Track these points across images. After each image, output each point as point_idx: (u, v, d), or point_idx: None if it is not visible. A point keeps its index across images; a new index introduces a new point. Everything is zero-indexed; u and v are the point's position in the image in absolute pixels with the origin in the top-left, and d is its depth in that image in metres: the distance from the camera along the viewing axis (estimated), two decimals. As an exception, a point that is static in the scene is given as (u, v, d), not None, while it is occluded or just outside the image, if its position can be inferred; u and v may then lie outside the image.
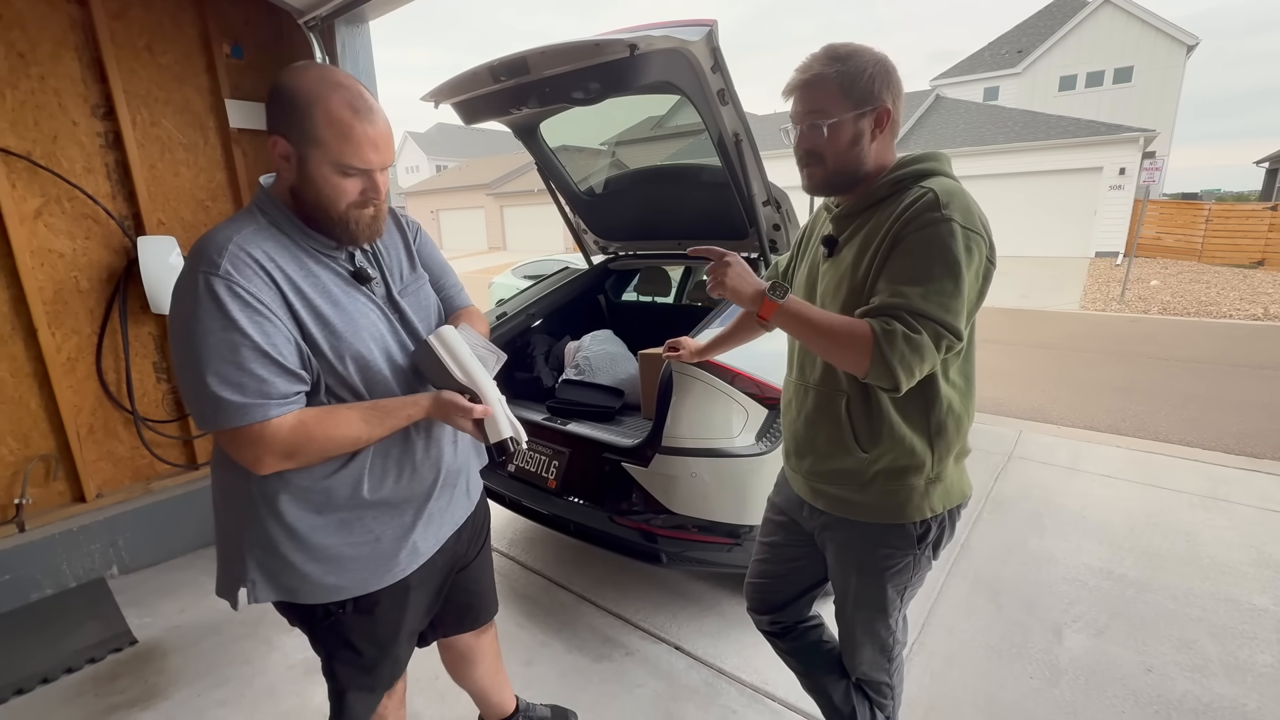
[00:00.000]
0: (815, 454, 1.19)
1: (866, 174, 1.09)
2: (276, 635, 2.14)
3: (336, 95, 0.91)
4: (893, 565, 1.17)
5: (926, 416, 1.09)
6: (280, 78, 0.93)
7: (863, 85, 1.02)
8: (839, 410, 1.13)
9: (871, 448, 1.11)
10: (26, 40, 2.18)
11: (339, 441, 0.97)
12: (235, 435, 0.91)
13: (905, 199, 1.02)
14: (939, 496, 1.13)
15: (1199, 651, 1.99)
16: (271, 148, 0.95)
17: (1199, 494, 3.08)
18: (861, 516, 1.16)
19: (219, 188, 2.71)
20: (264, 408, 0.90)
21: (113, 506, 2.53)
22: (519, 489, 2.26)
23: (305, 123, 0.91)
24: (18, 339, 2.29)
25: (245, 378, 0.89)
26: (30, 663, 2.02)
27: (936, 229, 0.96)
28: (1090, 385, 5.40)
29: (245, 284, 0.90)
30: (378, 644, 1.15)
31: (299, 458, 0.95)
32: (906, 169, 1.07)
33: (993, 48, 23.21)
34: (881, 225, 1.03)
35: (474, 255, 22.98)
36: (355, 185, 0.96)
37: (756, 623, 1.49)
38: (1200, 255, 13.50)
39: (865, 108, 1.03)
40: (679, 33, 1.73)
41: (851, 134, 1.04)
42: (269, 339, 0.91)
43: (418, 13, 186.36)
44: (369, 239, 1.03)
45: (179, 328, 0.91)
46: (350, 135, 0.92)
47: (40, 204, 2.29)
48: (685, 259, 3.05)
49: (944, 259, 0.95)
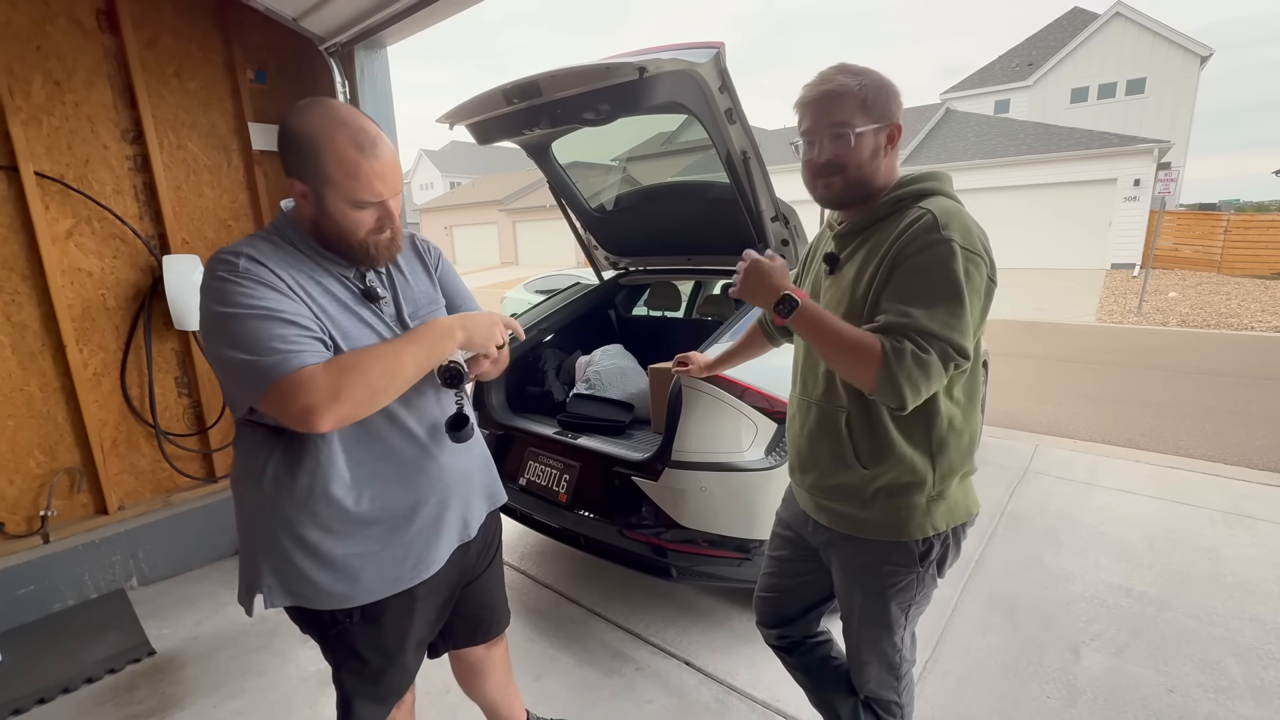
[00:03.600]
0: (818, 469, 1.20)
1: (877, 190, 1.10)
2: (291, 648, 2.16)
3: (340, 135, 0.95)
4: (896, 583, 1.16)
5: (928, 433, 1.10)
6: (287, 122, 0.97)
7: (881, 101, 1.05)
8: (839, 426, 1.14)
9: (872, 464, 1.12)
10: (63, 69, 2.28)
11: (380, 367, 0.96)
12: (278, 393, 0.90)
13: (905, 219, 1.04)
14: (942, 515, 1.13)
15: (1223, 672, 1.94)
16: (290, 187, 1.00)
17: (1221, 510, 3.02)
18: (864, 533, 1.16)
19: (241, 207, 2.79)
20: (297, 355, 0.91)
21: (134, 519, 2.58)
22: (530, 502, 2.28)
23: (315, 164, 0.96)
24: (47, 355, 2.37)
25: (273, 340, 0.91)
26: (52, 672, 2.06)
27: (936, 250, 0.98)
28: (1108, 398, 5.33)
29: (262, 274, 0.95)
30: (384, 653, 1.17)
31: (347, 396, 0.92)
32: (906, 188, 1.09)
33: (1003, 61, 23.24)
34: (881, 244, 1.05)
35: (487, 270, 23.23)
36: (370, 215, 1.01)
37: (765, 637, 1.49)
38: (1219, 266, 13.30)
39: (883, 123, 1.06)
40: (687, 55, 1.77)
41: (873, 146, 1.06)
42: (290, 310, 0.95)
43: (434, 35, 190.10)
44: (389, 259, 1.09)
45: (206, 322, 0.96)
46: (358, 173, 0.96)
47: (71, 225, 2.37)
48: (696, 273, 3.07)
49: (946, 279, 0.97)
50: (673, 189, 2.80)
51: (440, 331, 1.05)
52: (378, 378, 0.96)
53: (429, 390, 1.13)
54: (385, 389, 0.98)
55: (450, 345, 1.05)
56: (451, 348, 1.05)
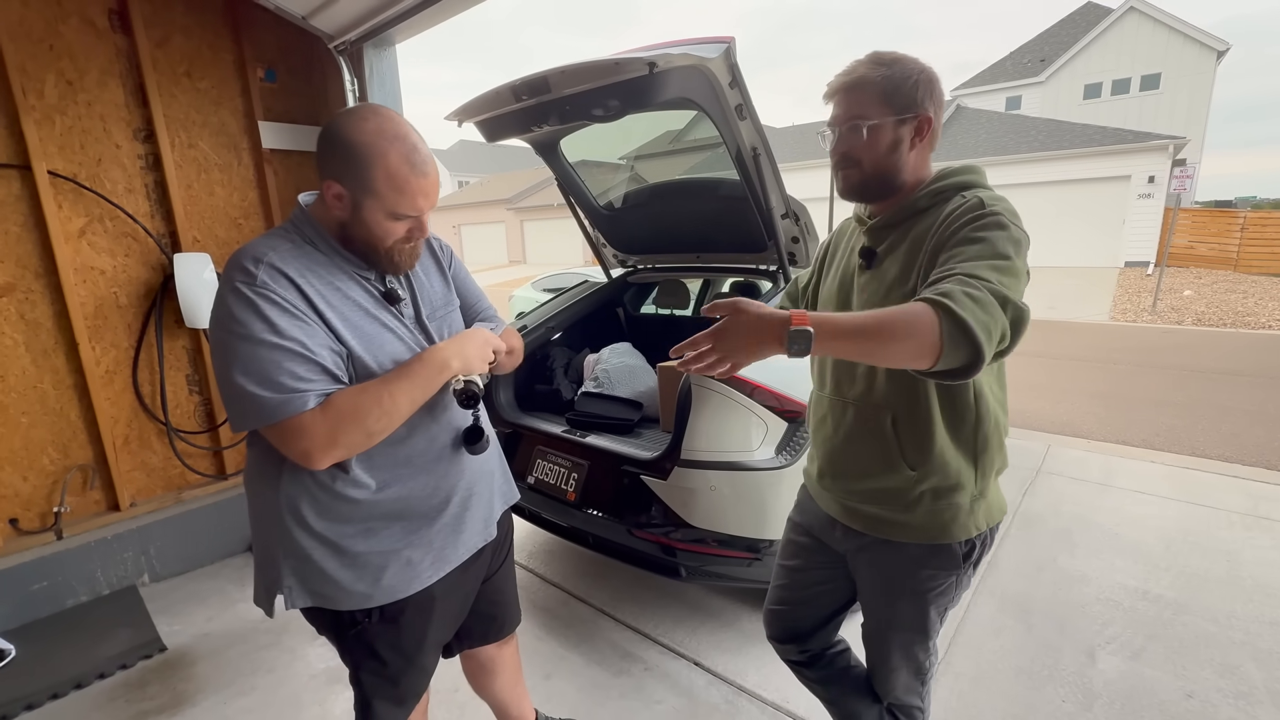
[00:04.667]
0: (856, 473, 1.15)
1: (904, 184, 1.06)
2: (300, 645, 2.17)
3: (394, 150, 0.96)
4: (937, 586, 1.13)
5: (975, 432, 1.06)
6: (340, 126, 0.96)
7: (906, 91, 1.01)
8: (884, 427, 1.08)
9: (920, 465, 1.07)
10: (75, 69, 2.29)
11: (366, 406, 0.96)
12: (278, 431, 0.93)
13: (948, 207, 1.01)
14: (983, 514, 1.11)
15: (1243, 677, 1.90)
16: (325, 189, 0.99)
17: (1240, 512, 2.97)
18: (905, 538, 1.12)
19: (251, 206, 2.80)
20: (301, 397, 0.92)
21: (145, 515, 2.60)
22: (538, 501, 2.27)
23: (364, 175, 0.96)
24: (60, 352, 2.38)
25: (281, 375, 0.91)
26: (65, 668, 2.07)
27: (984, 222, 0.94)
28: (1122, 398, 5.26)
29: (280, 291, 0.94)
30: (403, 654, 1.16)
31: (344, 438, 0.95)
32: (948, 180, 1.05)
33: (1014, 57, 22.98)
34: (926, 234, 1.01)
35: (495, 269, 23.29)
36: (403, 226, 1.02)
37: (782, 653, 1.42)
38: (1236, 264, 13.09)
39: (907, 114, 1.02)
40: (697, 50, 1.75)
41: (891, 139, 1.02)
42: (303, 340, 0.94)
43: (443, 34, 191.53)
44: (409, 267, 1.09)
45: (216, 337, 0.95)
46: (406, 189, 0.97)
47: (84, 223, 2.39)
48: (705, 271, 3.06)
49: (992, 248, 0.90)
50: (682, 186, 2.78)
51: (436, 366, 1.04)
52: (374, 422, 0.97)
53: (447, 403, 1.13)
54: (382, 431, 0.99)
55: (446, 377, 1.04)
56: (448, 379, 1.04)
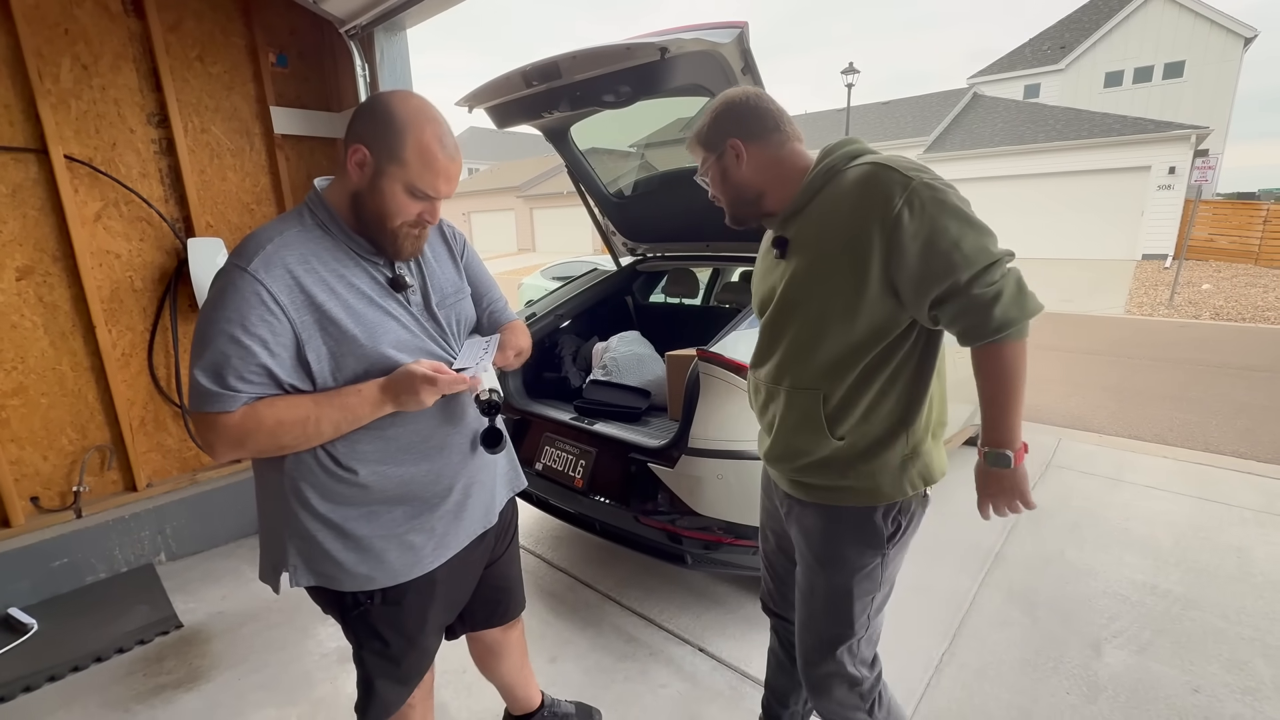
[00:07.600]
0: (794, 453, 1.18)
1: (762, 193, 1.13)
2: (312, 624, 2.21)
3: (431, 128, 0.99)
4: (863, 566, 1.15)
5: (907, 393, 1.10)
6: (383, 98, 1.00)
7: (709, 135, 1.13)
8: (815, 407, 1.12)
9: (848, 435, 1.11)
10: (90, 53, 2.30)
11: (288, 425, 0.97)
12: (197, 418, 0.97)
13: (847, 179, 1.04)
14: (918, 472, 1.12)
15: (1251, 673, 1.90)
16: (350, 153, 1.00)
17: (1252, 508, 2.94)
18: (841, 501, 1.14)
19: (263, 191, 2.82)
20: (233, 399, 0.95)
21: (161, 496, 2.65)
22: (546, 487, 2.29)
23: (395, 141, 0.97)
24: (78, 335, 2.42)
25: (228, 372, 0.94)
26: (86, 642, 2.13)
27: (916, 209, 0.97)
28: (1135, 392, 5.19)
29: (268, 282, 0.95)
30: (405, 635, 1.19)
31: (252, 445, 0.97)
32: (833, 156, 1.09)
33: (1033, 44, 22.48)
34: (838, 206, 1.04)
35: (504, 256, 23.30)
36: (417, 207, 1.02)
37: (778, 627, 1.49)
38: (1258, 258, 12.83)
39: (715, 152, 1.13)
40: (710, 35, 1.73)
41: (718, 172, 1.15)
42: (266, 339, 0.95)
43: (453, 19, 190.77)
44: (409, 257, 1.09)
45: (201, 312, 0.98)
46: (433, 165, 1.00)
47: (100, 208, 2.41)
48: (714, 260, 3.04)
49: (941, 222, 0.97)
50: (692, 174, 2.75)
51: (371, 404, 1.02)
52: (289, 440, 0.99)
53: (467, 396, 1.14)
54: (293, 446, 1.01)
55: (380, 414, 1.03)
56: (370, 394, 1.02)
